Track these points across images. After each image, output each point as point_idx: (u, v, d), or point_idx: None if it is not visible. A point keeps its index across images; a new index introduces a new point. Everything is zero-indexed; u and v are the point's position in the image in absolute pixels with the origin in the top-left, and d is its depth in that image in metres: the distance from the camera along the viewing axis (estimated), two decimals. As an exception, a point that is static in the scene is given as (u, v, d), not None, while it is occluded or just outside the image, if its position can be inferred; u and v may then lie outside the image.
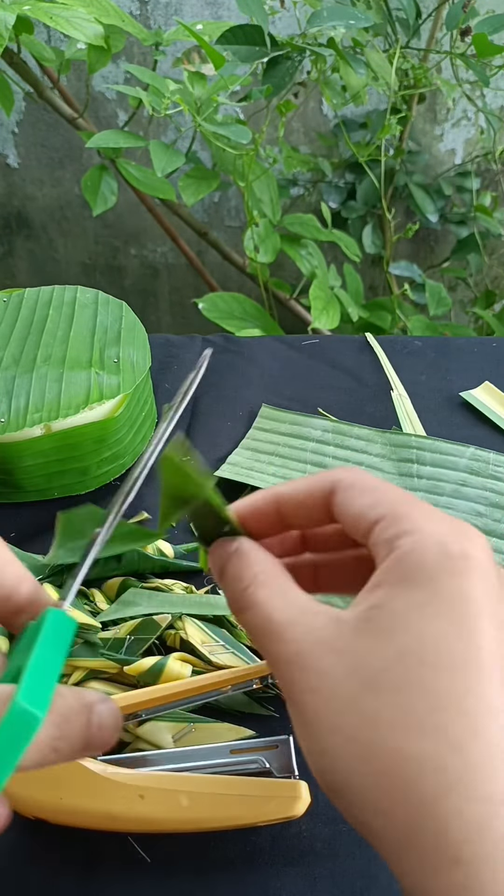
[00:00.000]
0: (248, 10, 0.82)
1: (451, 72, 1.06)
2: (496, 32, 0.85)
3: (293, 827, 0.35)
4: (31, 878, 0.34)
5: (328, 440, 0.55)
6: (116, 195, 1.02)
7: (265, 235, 1.04)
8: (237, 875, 0.34)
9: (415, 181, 1.20)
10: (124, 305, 0.59)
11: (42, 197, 1.42)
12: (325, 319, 1.00)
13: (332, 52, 0.86)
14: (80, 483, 0.52)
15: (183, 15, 1.17)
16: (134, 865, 0.34)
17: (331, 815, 0.36)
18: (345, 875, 0.34)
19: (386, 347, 0.66)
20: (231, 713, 0.39)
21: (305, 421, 0.57)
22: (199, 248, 1.31)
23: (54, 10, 0.81)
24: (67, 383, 0.51)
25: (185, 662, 0.40)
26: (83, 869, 0.34)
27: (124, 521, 0.29)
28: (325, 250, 1.17)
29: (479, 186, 1.24)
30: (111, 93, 1.27)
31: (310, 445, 0.55)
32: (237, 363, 0.64)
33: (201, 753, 0.36)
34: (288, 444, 0.55)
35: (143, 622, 0.42)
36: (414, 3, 0.94)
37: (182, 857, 0.34)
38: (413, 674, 0.22)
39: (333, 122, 1.24)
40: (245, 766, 0.35)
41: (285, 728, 0.39)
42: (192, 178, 0.98)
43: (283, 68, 0.86)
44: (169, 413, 0.32)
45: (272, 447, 0.55)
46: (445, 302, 1.15)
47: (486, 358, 0.65)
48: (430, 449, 0.54)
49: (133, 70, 0.88)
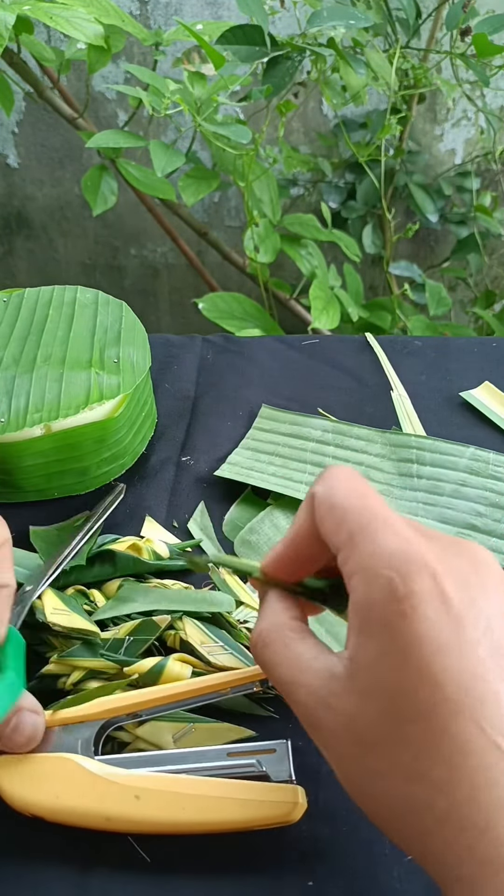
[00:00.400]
0: (248, 10, 0.82)
1: (451, 72, 1.06)
2: (496, 32, 0.85)
3: (293, 827, 0.35)
4: (28, 876, 0.34)
5: (328, 440, 0.55)
6: (116, 195, 1.02)
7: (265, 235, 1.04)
8: (237, 875, 0.34)
9: (415, 181, 1.20)
10: (124, 305, 0.59)
11: (42, 197, 1.42)
12: (325, 319, 1.00)
13: (332, 52, 0.86)
14: (80, 483, 0.52)
15: (183, 15, 1.17)
16: (134, 865, 0.34)
17: (331, 815, 0.36)
18: (345, 875, 0.34)
19: (386, 347, 0.66)
20: (231, 713, 0.39)
21: (305, 421, 0.57)
22: (199, 248, 1.31)
23: (54, 10, 0.81)
24: (67, 383, 0.51)
25: (186, 663, 0.40)
26: (82, 868, 0.34)
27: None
28: (325, 250, 1.17)
29: (479, 186, 1.24)
30: (111, 93, 1.27)
31: (310, 445, 0.55)
32: (237, 363, 0.64)
33: (198, 755, 0.36)
34: (288, 444, 0.55)
35: (142, 623, 0.42)
36: (414, 3, 0.94)
37: (182, 857, 0.34)
38: (393, 729, 0.25)
39: (333, 122, 1.24)
40: (242, 769, 0.35)
41: (285, 730, 0.39)
42: (192, 178, 0.98)
43: (283, 68, 0.86)
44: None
45: (272, 447, 0.55)
46: (445, 302, 1.15)
47: (486, 358, 0.65)
48: (430, 449, 0.54)
49: (133, 70, 0.88)
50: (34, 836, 0.35)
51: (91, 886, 0.34)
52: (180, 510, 0.52)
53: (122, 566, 0.46)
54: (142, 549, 0.46)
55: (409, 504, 0.50)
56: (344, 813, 0.36)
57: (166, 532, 0.50)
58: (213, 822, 0.34)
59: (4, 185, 1.42)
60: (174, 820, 0.34)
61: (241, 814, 0.34)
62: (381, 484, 0.52)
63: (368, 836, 0.35)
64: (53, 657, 0.40)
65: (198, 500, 0.52)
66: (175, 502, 0.52)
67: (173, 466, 0.55)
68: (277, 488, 0.51)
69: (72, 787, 0.34)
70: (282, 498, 0.51)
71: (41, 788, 0.34)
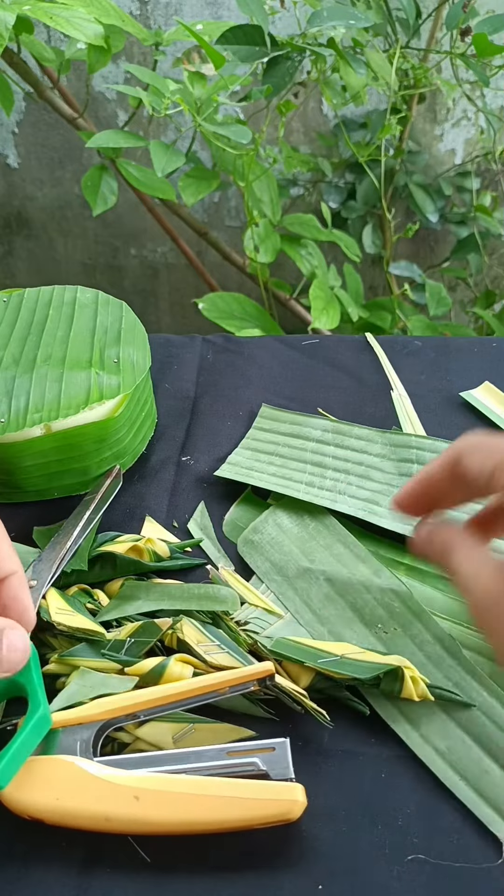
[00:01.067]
0: (248, 10, 0.82)
1: (451, 72, 1.06)
2: (496, 32, 0.85)
3: (293, 827, 0.35)
4: (28, 878, 0.34)
5: (328, 440, 0.55)
6: (116, 195, 1.02)
7: (265, 235, 1.04)
8: (237, 875, 0.34)
9: (415, 181, 1.20)
10: (124, 305, 0.59)
11: (42, 197, 1.42)
12: (325, 319, 1.00)
13: (332, 52, 0.86)
14: (80, 483, 0.52)
15: (183, 15, 1.17)
16: (134, 865, 0.34)
17: (331, 814, 0.36)
18: (345, 874, 0.34)
19: (386, 347, 0.66)
20: (231, 713, 0.39)
21: (305, 421, 0.57)
22: (199, 248, 1.31)
23: (54, 10, 0.81)
24: (67, 383, 0.51)
25: (186, 664, 0.40)
26: (82, 869, 0.34)
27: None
28: (325, 250, 1.17)
29: (479, 186, 1.24)
30: (111, 93, 1.27)
31: (310, 445, 0.55)
32: (237, 363, 0.64)
33: (198, 755, 0.36)
34: (288, 444, 0.55)
35: (143, 625, 0.42)
36: (414, 3, 0.94)
37: (182, 858, 0.34)
38: None
39: (333, 122, 1.24)
40: (241, 768, 0.35)
41: (284, 730, 0.39)
42: (192, 178, 0.98)
43: (283, 68, 0.86)
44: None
45: (272, 447, 0.55)
46: (445, 302, 1.15)
47: (486, 358, 0.65)
48: (430, 449, 0.54)
49: (133, 70, 0.88)
50: (34, 837, 0.35)
51: (91, 887, 0.34)
52: (180, 510, 0.52)
53: (123, 568, 0.46)
54: (142, 551, 0.46)
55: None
56: (344, 811, 0.36)
57: (166, 532, 0.50)
58: (213, 821, 0.34)
59: (4, 185, 1.42)
60: (174, 820, 0.34)
61: (241, 813, 0.34)
62: (381, 484, 0.52)
63: (369, 835, 0.35)
64: (53, 657, 0.40)
65: (198, 500, 0.52)
66: (175, 502, 0.52)
67: (173, 466, 0.55)
68: (278, 488, 0.51)
69: (71, 789, 0.34)
70: (282, 498, 0.51)
71: (41, 791, 0.34)
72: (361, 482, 0.52)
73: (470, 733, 0.38)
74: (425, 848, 0.35)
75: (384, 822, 0.36)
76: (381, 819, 0.36)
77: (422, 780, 0.37)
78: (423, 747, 0.38)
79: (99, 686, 0.38)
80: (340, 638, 0.42)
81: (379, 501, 0.50)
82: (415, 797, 0.37)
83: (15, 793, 0.34)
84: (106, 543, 0.47)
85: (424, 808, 0.36)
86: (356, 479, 0.52)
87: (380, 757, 0.38)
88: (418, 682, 0.39)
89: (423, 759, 0.38)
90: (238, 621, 0.43)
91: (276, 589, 0.46)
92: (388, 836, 0.35)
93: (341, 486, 0.51)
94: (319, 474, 0.52)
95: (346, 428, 0.56)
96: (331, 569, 0.46)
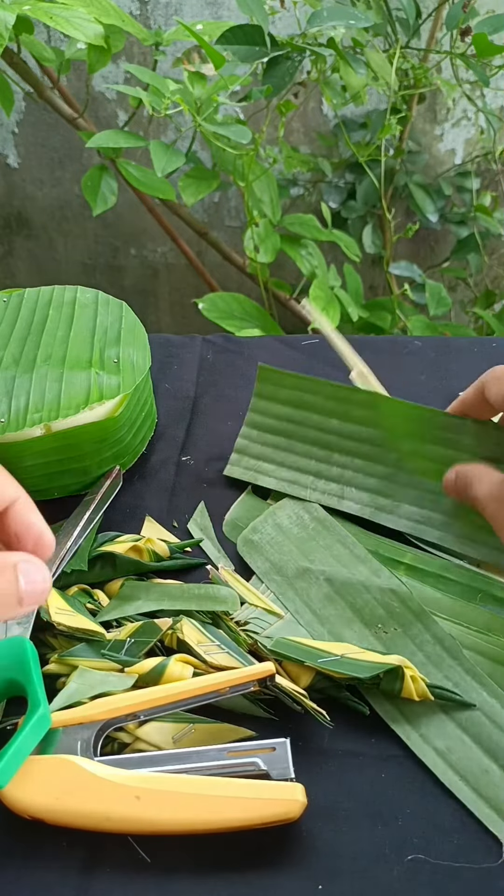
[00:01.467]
0: (248, 10, 0.82)
1: (451, 72, 1.06)
2: (496, 32, 0.85)
3: (293, 827, 0.35)
4: (28, 878, 0.34)
5: (332, 408, 0.52)
6: (116, 195, 1.02)
7: (265, 235, 1.04)
8: (237, 875, 0.34)
9: (415, 181, 1.20)
10: (124, 305, 0.59)
11: (42, 197, 1.42)
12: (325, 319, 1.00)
13: (332, 52, 0.86)
14: (80, 483, 0.52)
15: (183, 15, 1.17)
16: (134, 865, 0.34)
17: (331, 813, 0.36)
18: (345, 875, 0.34)
19: (386, 347, 0.66)
20: (231, 714, 0.39)
21: (307, 386, 0.53)
22: (199, 248, 1.31)
23: (54, 10, 0.81)
24: (67, 383, 0.51)
25: (186, 664, 0.40)
26: (82, 869, 0.34)
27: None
28: (325, 250, 1.17)
29: (479, 186, 1.24)
30: (111, 93, 1.27)
31: (314, 419, 0.52)
32: (237, 363, 0.64)
33: (198, 755, 0.36)
34: (290, 417, 0.53)
35: (143, 625, 0.42)
36: (414, 3, 0.94)
37: (182, 857, 0.34)
38: None
39: (333, 122, 1.24)
40: (242, 768, 0.35)
41: (284, 730, 0.39)
42: (192, 178, 0.98)
43: (283, 68, 0.86)
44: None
45: (275, 423, 0.53)
46: (445, 302, 1.15)
47: (486, 358, 0.65)
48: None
49: (133, 70, 0.88)
50: (34, 837, 0.35)
51: (92, 887, 0.34)
52: (180, 510, 0.52)
53: (123, 568, 0.46)
54: (142, 551, 0.46)
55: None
56: (344, 811, 0.36)
57: (166, 532, 0.50)
58: (213, 821, 0.34)
59: (4, 185, 1.42)
60: (174, 820, 0.34)
61: (242, 812, 0.34)
62: (389, 468, 0.51)
63: (369, 835, 0.35)
64: (53, 657, 0.40)
65: (198, 500, 0.52)
66: (175, 502, 0.52)
67: (173, 466, 0.55)
68: (284, 488, 0.51)
69: (72, 789, 0.34)
70: (282, 497, 0.51)
71: (41, 791, 0.34)
72: (369, 466, 0.51)
73: (470, 733, 0.39)
74: (425, 848, 0.35)
75: (384, 822, 0.36)
76: (381, 819, 0.36)
77: (422, 780, 0.37)
78: (423, 747, 0.38)
79: (98, 685, 0.38)
80: (340, 638, 0.42)
81: (386, 491, 0.50)
82: (415, 797, 0.37)
83: (15, 792, 0.34)
84: (106, 543, 0.47)
85: (424, 808, 0.36)
86: (362, 464, 0.51)
87: (380, 757, 0.38)
88: (418, 680, 0.39)
89: (423, 759, 0.38)
90: (238, 621, 0.43)
91: (275, 589, 0.46)
92: (388, 836, 0.35)
93: (348, 475, 0.51)
94: (326, 459, 0.52)
95: (349, 394, 0.52)
96: (330, 569, 0.46)
